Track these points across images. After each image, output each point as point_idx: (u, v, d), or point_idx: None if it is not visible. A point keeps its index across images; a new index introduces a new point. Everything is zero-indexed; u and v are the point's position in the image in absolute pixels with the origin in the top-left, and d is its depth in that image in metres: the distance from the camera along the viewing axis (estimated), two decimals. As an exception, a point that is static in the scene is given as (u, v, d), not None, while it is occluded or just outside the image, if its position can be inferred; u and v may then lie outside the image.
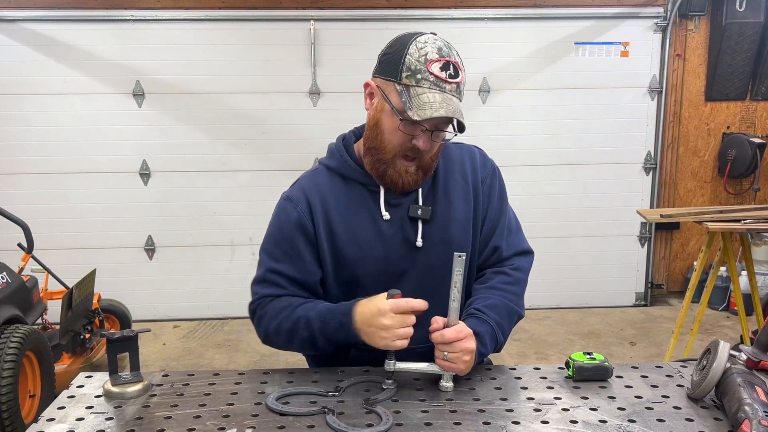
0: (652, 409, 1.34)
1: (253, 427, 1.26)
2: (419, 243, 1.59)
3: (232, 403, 1.37)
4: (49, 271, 4.09)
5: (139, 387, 1.42)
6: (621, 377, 1.50)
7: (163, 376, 1.52)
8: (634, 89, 5.40)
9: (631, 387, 1.45)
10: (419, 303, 1.41)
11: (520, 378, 1.51)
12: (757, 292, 3.83)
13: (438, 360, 1.42)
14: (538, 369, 1.56)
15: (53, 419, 1.31)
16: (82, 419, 1.31)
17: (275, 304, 1.57)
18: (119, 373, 1.46)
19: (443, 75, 1.44)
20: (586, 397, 1.40)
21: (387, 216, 1.59)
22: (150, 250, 5.35)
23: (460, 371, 1.43)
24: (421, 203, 1.60)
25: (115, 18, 5.04)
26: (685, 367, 1.57)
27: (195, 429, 1.26)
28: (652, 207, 5.51)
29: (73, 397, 1.42)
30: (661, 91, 5.40)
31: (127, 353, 1.47)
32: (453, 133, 1.53)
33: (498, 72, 5.29)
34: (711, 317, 5.24)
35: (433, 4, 5.19)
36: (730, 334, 4.91)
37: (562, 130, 5.39)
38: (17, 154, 5.13)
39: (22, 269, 3.83)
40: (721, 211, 3.61)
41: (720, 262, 3.70)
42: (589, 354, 1.50)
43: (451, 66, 1.45)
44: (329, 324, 1.49)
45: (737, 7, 5.19)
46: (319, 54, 5.15)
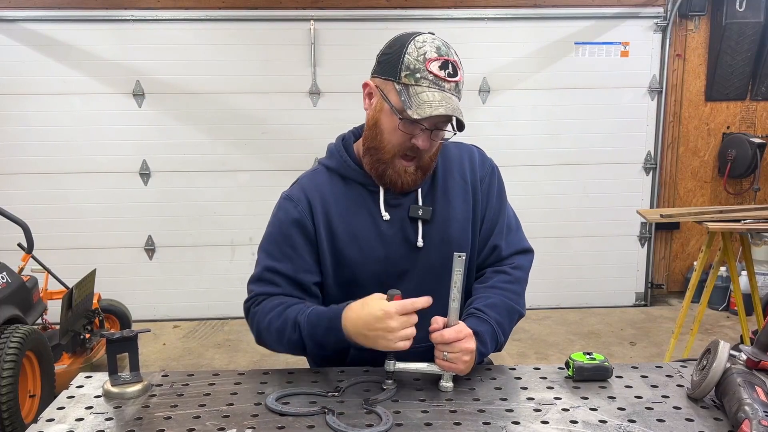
0: (652, 409, 1.34)
1: (253, 428, 1.26)
2: (420, 243, 1.59)
3: (232, 404, 1.37)
4: (49, 271, 4.09)
5: (138, 387, 1.42)
6: (621, 377, 1.50)
7: (162, 376, 1.52)
8: (634, 89, 5.40)
9: (631, 387, 1.45)
10: (423, 301, 1.38)
11: (520, 378, 1.51)
12: (757, 292, 3.83)
13: (438, 360, 1.42)
14: (538, 369, 1.56)
15: (53, 419, 1.31)
16: (81, 419, 1.31)
17: (269, 303, 1.57)
18: (119, 374, 1.46)
19: (442, 74, 1.44)
20: (586, 397, 1.40)
21: (387, 216, 1.58)
22: (150, 250, 5.35)
23: (459, 371, 1.42)
24: (420, 203, 1.60)
25: (115, 18, 5.04)
26: (685, 367, 1.57)
27: (195, 429, 1.26)
28: (652, 207, 5.51)
29: (72, 397, 1.42)
30: (661, 91, 5.40)
31: (126, 353, 1.47)
32: (452, 132, 1.53)
33: (498, 72, 5.29)
34: (711, 317, 5.24)
35: (433, 4, 5.19)
36: (730, 334, 4.90)
37: (562, 130, 5.39)
38: (17, 154, 5.13)
39: (22, 269, 3.83)
40: (721, 211, 3.61)
41: (720, 262, 3.70)
42: (589, 354, 1.50)
43: (449, 65, 1.45)
44: (317, 328, 1.47)
45: (737, 7, 5.18)
46: (319, 54, 5.15)
